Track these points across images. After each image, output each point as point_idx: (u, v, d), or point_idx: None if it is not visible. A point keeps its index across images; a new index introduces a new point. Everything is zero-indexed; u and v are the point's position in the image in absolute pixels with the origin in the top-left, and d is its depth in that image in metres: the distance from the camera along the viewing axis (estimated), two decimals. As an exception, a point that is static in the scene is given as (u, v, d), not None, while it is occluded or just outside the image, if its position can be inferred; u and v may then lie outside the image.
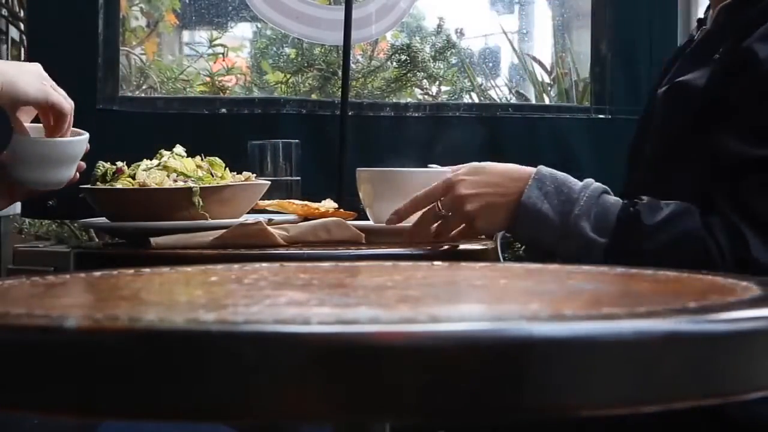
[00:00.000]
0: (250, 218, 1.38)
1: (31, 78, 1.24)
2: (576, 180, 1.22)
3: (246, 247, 1.28)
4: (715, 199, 1.12)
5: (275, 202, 1.52)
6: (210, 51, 3.21)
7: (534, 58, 3.19)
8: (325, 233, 1.36)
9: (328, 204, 1.52)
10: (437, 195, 1.29)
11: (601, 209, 1.17)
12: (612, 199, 1.19)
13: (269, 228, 1.31)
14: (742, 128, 1.14)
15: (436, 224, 1.30)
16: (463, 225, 1.29)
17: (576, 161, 2.06)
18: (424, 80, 2.99)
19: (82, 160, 1.35)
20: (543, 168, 1.23)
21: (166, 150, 1.44)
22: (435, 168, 1.51)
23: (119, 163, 1.42)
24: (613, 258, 1.13)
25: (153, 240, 1.30)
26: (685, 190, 1.17)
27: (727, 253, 1.08)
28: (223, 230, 1.31)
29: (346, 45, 1.80)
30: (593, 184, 1.21)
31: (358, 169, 1.54)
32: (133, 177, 1.39)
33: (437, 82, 3.04)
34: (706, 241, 1.09)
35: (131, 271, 0.79)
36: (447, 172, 1.44)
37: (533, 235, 1.24)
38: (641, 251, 1.12)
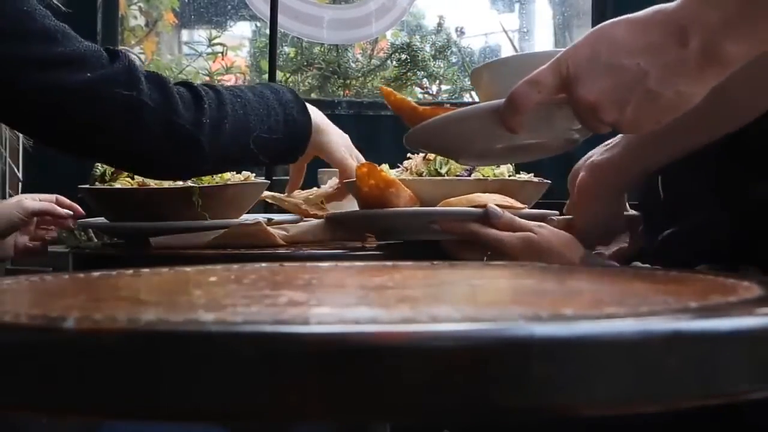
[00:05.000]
0: (250, 218, 1.38)
1: (339, 141, 1.37)
2: None
3: (246, 247, 1.28)
4: None
5: (281, 196, 1.52)
6: (209, 50, 3.21)
7: (534, 57, 3.18)
8: (325, 233, 1.36)
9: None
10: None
11: None
12: None
13: (269, 228, 1.30)
14: None
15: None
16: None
17: (575, 160, 2.05)
18: (425, 79, 2.99)
19: None
20: None
21: (165, 149, 1.44)
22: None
23: (118, 163, 1.41)
24: None
25: (152, 240, 1.30)
26: None
27: None
28: (223, 230, 1.30)
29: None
30: None
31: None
32: (132, 177, 1.39)
33: (437, 81, 3.04)
34: None
35: (130, 271, 0.79)
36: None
37: None
38: None
